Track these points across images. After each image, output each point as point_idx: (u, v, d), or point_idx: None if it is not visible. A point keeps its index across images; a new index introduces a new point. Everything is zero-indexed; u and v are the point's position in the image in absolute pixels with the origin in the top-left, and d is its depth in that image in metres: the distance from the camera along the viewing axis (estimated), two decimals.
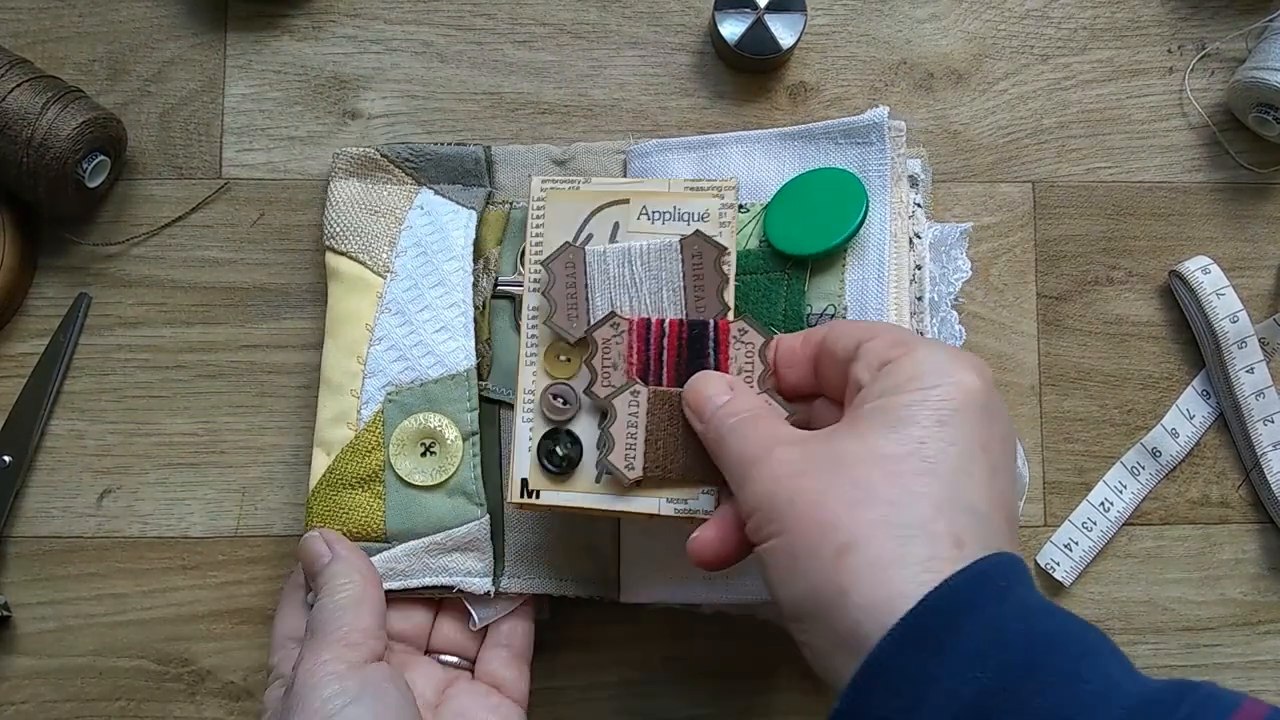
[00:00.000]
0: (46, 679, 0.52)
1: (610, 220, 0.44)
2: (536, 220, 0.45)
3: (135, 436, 0.54)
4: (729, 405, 0.39)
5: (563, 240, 0.44)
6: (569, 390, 0.44)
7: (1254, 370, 0.54)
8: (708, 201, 0.44)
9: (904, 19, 0.57)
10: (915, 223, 0.50)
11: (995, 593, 0.30)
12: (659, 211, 0.44)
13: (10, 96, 0.50)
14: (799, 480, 0.34)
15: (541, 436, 0.43)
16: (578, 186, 0.45)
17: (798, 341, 0.41)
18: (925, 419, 0.34)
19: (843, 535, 0.32)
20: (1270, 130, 0.54)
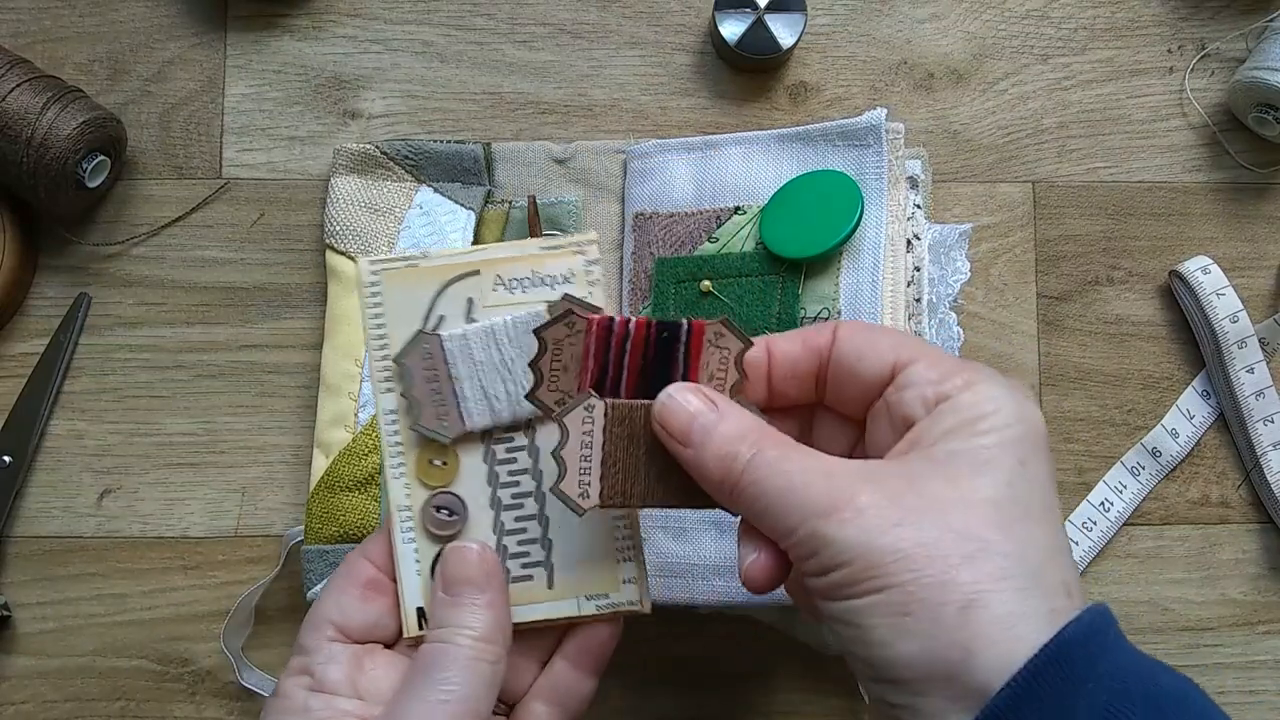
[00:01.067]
0: (46, 679, 0.53)
1: (462, 297, 0.38)
2: (374, 310, 0.38)
3: (135, 436, 0.54)
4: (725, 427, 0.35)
5: (412, 329, 0.38)
6: (452, 499, 0.38)
7: (1254, 370, 0.54)
8: (569, 261, 0.39)
9: (904, 19, 0.57)
10: (914, 224, 0.50)
11: (1109, 643, 0.30)
12: (516, 279, 0.39)
13: (10, 96, 0.50)
14: (900, 531, 0.31)
15: (433, 558, 0.38)
16: (416, 264, 0.38)
17: (796, 347, 0.38)
18: (1009, 461, 0.32)
19: (966, 591, 0.30)
20: (1270, 130, 0.54)
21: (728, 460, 0.34)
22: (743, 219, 0.50)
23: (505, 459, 0.39)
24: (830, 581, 0.32)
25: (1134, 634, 0.54)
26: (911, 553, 0.30)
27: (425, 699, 0.35)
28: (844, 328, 0.37)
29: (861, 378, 0.36)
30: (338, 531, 0.49)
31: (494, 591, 0.37)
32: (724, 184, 0.51)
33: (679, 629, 0.53)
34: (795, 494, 0.33)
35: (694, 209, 0.51)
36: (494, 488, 0.39)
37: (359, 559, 0.39)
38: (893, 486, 0.32)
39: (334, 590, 0.39)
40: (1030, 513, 0.32)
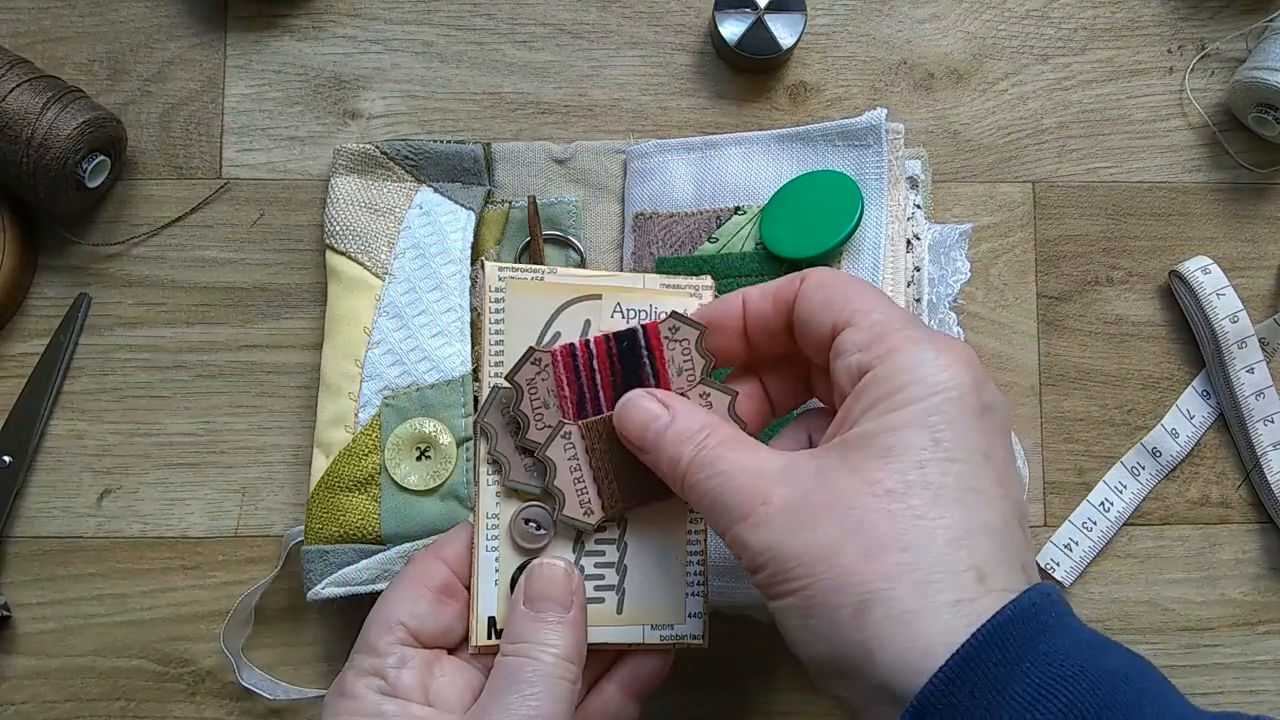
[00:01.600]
0: (46, 679, 0.53)
1: (580, 317, 0.40)
2: (496, 316, 0.40)
3: (135, 436, 0.54)
4: (674, 429, 0.36)
5: (525, 340, 0.40)
6: (543, 513, 0.39)
7: (1254, 370, 0.54)
8: (684, 301, 0.41)
9: (904, 19, 0.57)
10: (914, 224, 0.50)
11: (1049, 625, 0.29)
12: (633, 309, 0.40)
13: (10, 96, 0.50)
14: (801, 534, 0.31)
15: (514, 570, 0.39)
16: (542, 277, 0.40)
17: (767, 303, 0.37)
18: (919, 440, 0.31)
19: (859, 592, 0.30)
20: (1270, 130, 0.54)
21: (674, 462, 0.35)
22: (743, 219, 0.50)
23: None
24: (756, 582, 0.33)
25: (1134, 634, 0.54)
26: (810, 556, 0.31)
27: (510, 711, 0.35)
28: (809, 279, 0.36)
29: (813, 338, 0.36)
30: (338, 532, 0.49)
31: (577, 610, 0.37)
32: (724, 184, 0.51)
33: None
34: (723, 495, 0.33)
35: (694, 209, 0.51)
36: None
37: (433, 560, 0.39)
38: (804, 484, 0.32)
39: (406, 591, 0.38)
40: (941, 495, 0.31)
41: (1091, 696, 0.27)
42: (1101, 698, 0.27)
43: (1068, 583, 0.54)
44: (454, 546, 0.39)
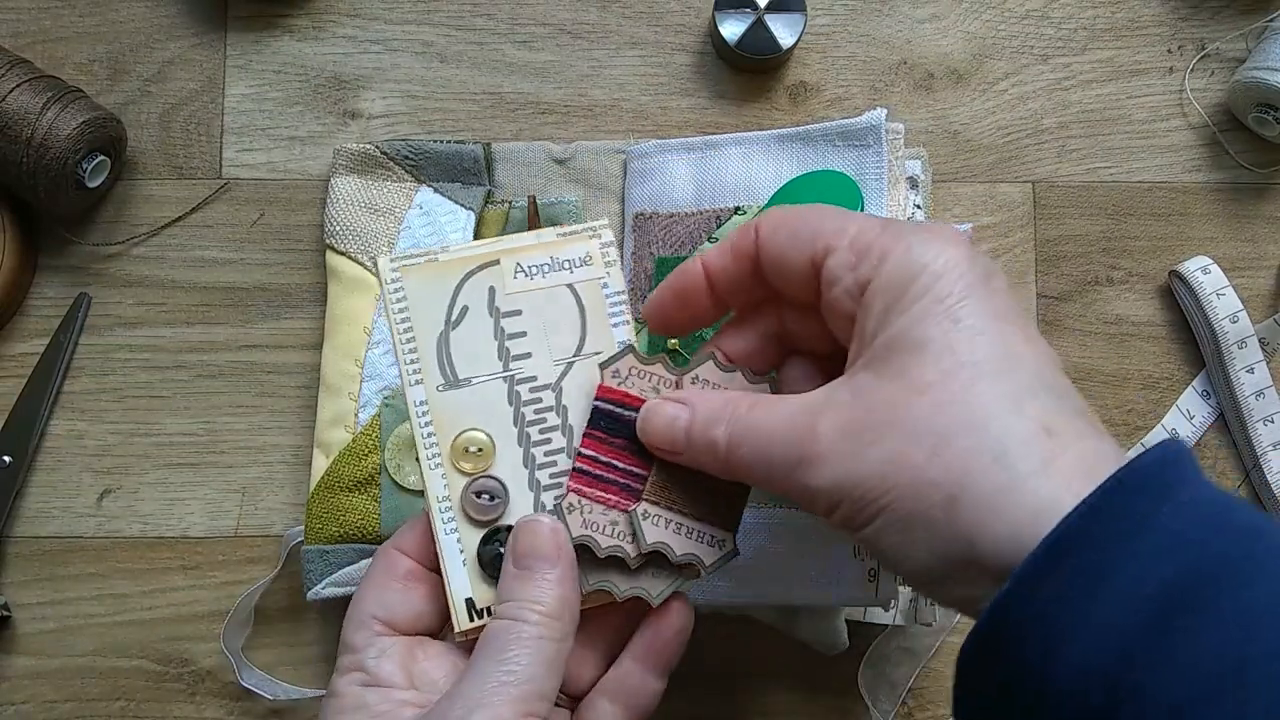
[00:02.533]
0: (46, 679, 0.53)
1: (483, 286, 0.39)
2: (398, 309, 0.39)
3: (135, 436, 0.54)
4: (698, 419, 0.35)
5: (433, 322, 0.39)
6: (493, 483, 0.38)
7: (1254, 370, 0.54)
8: (585, 244, 0.40)
9: (904, 19, 0.57)
10: None
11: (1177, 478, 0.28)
12: (535, 265, 0.40)
13: (10, 96, 0.50)
14: (861, 457, 0.31)
15: (477, 543, 0.38)
16: (436, 257, 0.39)
17: (727, 259, 0.37)
18: (942, 327, 0.31)
19: (942, 489, 0.29)
20: (1270, 130, 0.54)
21: (711, 450, 0.35)
22: (743, 219, 0.50)
23: (540, 439, 0.39)
24: (837, 521, 0.32)
25: None
26: (879, 473, 0.30)
27: (488, 678, 0.34)
28: (765, 224, 0.36)
29: (793, 279, 0.35)
30: (338, 531, 0.49)
31: (564, 567, 0.36)
32: (724, 184, 0.51)
33: None
34: (769, 452, 0.33)
35: (694, 209, 0.51)
36: (531, 469, 0.39)
37: (392, 551, 0.39)
38: (845, 410, 0.32)
39: (373, 585, 0.38)
40: (981, 369, 0.30)
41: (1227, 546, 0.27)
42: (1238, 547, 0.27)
43: None
44: (409, 536, 0.39)
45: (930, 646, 0.53)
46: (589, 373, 0.39)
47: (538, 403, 0.39)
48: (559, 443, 0.39)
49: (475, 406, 0.39)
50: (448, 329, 0.39)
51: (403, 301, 0.39)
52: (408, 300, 0.39)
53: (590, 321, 0.40)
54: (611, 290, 0.40)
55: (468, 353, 0.39)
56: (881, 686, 0.53)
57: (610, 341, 0.40)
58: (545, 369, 0.39)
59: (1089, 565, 0.27)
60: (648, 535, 0.37)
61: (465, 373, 0.39)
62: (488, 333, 0.39)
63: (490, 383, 0.39)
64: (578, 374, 0.39)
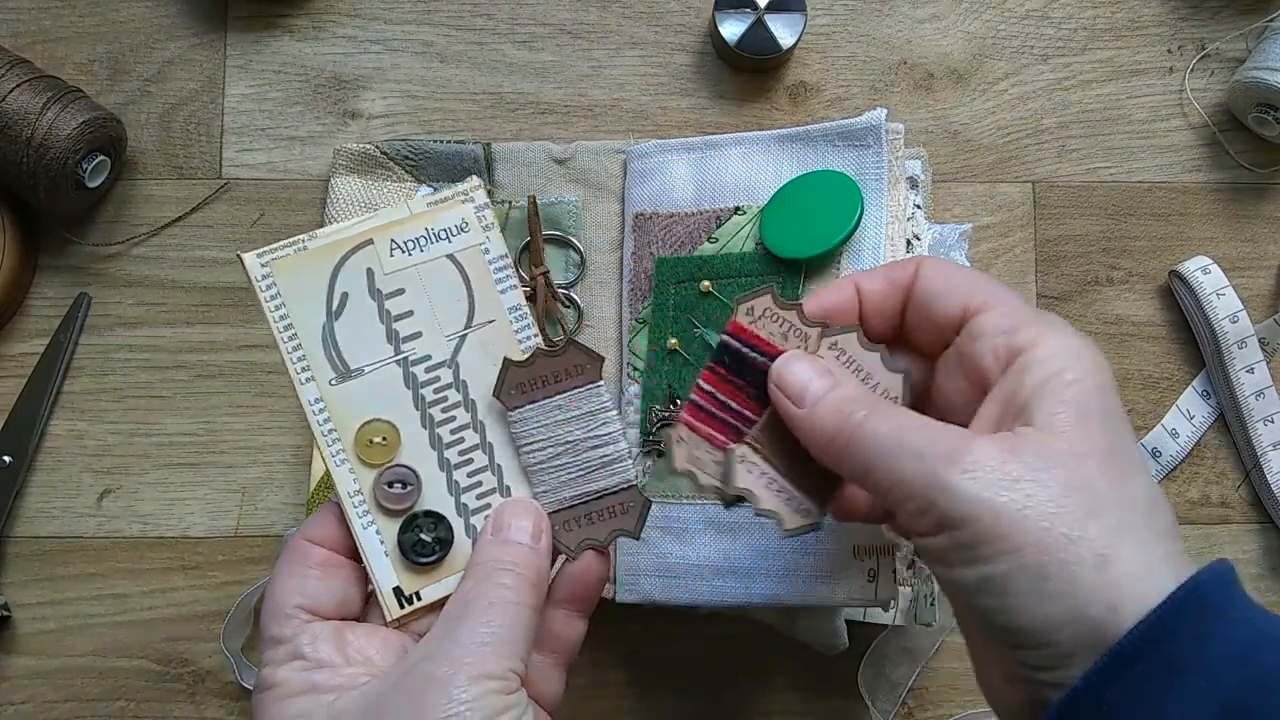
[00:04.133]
0: (46, 679, 0.53)
1: (360, 269, 0.38)
2: (274, 305, 0.37)
3: (135, 436, 0.54)
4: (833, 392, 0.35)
5: (314, 315, 0.37)
6: (402, 470, 0.38)
7: (1254, 370, 0.54)
8: (460, 210, 0.39)
9: (904, 19, 0.57)
10: (914, 224, 0.50)
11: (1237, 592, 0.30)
12: (411, 240, 0.38)
13: (10, 96, 0.50)
14: (1020, 487, 0.30)
15: (396, 532, 0.37)
16: (304, 245, 0.38)
17: (881, 284, 0.38)
18: (1099, 409, 0.32)
19: (1096, 547, 0.29)
20: (1270, 130, 0.54)
21: (842, 416, 0.34)
22: (743, 219, 0.50)
23: (444, 419, 0.38)
24: (953, 542, 0.31)
25: None
26: (1037, 510, 0.30)
27: (473, 635, 0.34)
28: (927, 263, 0.37)
29: (935, 319, 0.36)
30: None
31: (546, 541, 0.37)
32: (724, 184, 0.51)
33: (679, 629, 0.53)
34: (913, 441, 0.32)
35: (694, 209, 0.51)
36: (439, 450, 0.38)
37: (301, 542, 0.38)
38: (1005, 443, 0.31)
39: (288, 576, 0.37)
40: (1132, 462, 0.32)
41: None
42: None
43: None
44: (319, 526, 0.38)
45: (930, 646, 0.53)
46: (483, 343, 0.38)
47: (436, 382, 0.38)
48: (463, 419, 0.38)
49: (373, 396, 0.38)
50: (330, 319, 0.38)
51: (278, 298, 0.37)
52: (282, 296, 0.37)
53: (477, 291, 0.38)
54: (494, 255, 0.38)
55: (355, 341, 0.38)
56: (881, 686, 0.53)
57: (500, 309, 0.38)
58: (438, 346, 0.38)
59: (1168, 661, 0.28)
60: (738, 479, 0.37)
61: (356, 362, 0.38)
62: (372, 317, 0.38)
63: (384, 368, 0.38)
64: (471, 346, 0.38)
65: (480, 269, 0.38)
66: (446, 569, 0.37)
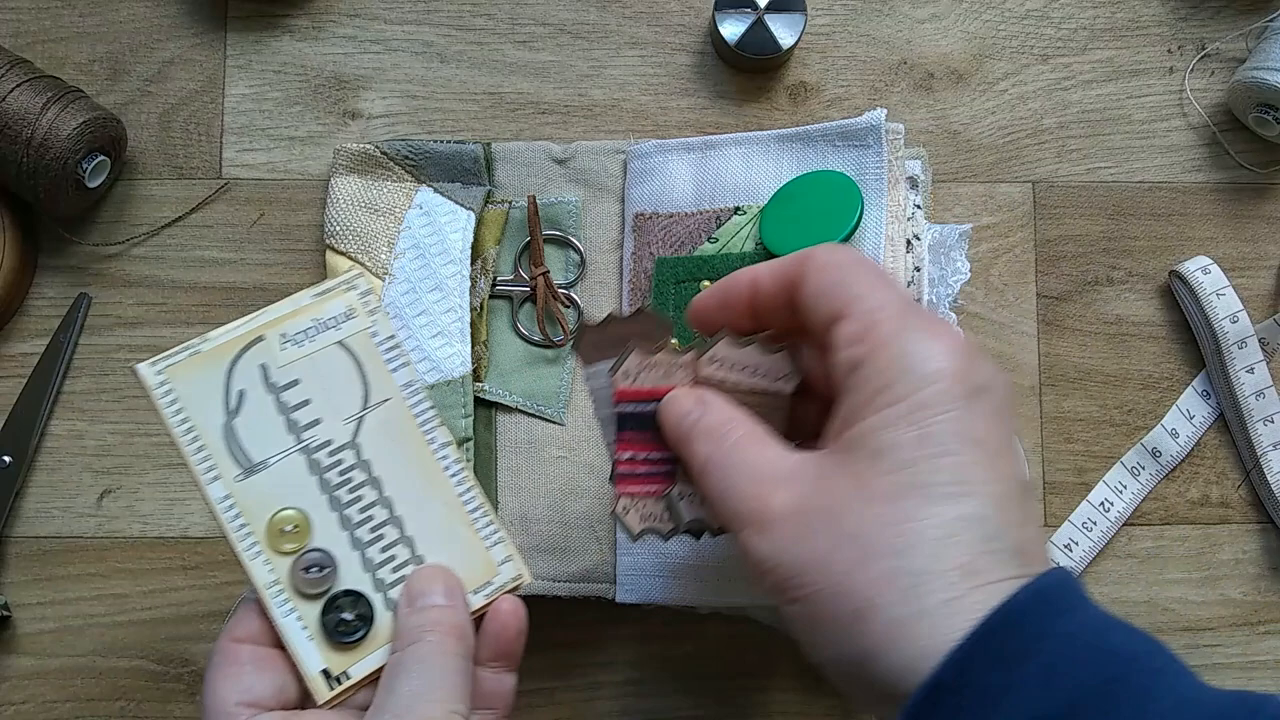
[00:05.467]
0: (46, 679, 0.53)
1: (254, 365, 0.39)
2: (173, 410, 0.38)
3: (135, 436, 0.54)
4: (700, 421, 0.36)
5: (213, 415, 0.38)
6: (317, 554, 0.38)
7: (1254, 370, 0.54)
8: (344, 299, 0.40)
9: (904, 19, 0.57)
10: (914, 225, 0.50)
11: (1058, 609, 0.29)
12: (301, 332, 0.39)
13: (10, 96, 0.50)
14: (803, 545, 0.32)
15: (318, 615, 0.38)
16: (197, 350, 0.38)
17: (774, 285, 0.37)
18: (908, 438, 0.31)
19: (856, 600, 0.30)
20: (1270, 130, 0.54)
21: (693, 460, 0.36)
22: (742, 219, 0.50)
23: (351, 499, 0.39)
24: (764, 589, 0.33)
25: None
26: (810, 565, 0.31)
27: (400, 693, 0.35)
28: (812, 261, 0.36)
29: (815, 325, 0.35)
30: None
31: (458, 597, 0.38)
32: (724, 184, 0.51)
33: (679, 629, 0.53)
34: (729, 499, 0.34)
35: (694, 209, 0.51)
36: (350, 530, 0.39)
37: (229, 643, 0.38)
38: (804, 489, 0.33)
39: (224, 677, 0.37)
40: (931, 492, 0.31)
41: (1101, 676, 0.28)
42: (1109, 677, 0.28)
43: None
44: (243, 625, 0.38)
45: None
46: (382, 421, 0.39)
47: (340, 464, 0.39)
48: (370, 496, 0.39)
49: (279, 486, 0.39)
50: (229, 418, 0.39)
51: (176, 404, 0.38)
52: (180, 401, 0.38)
53: (369, 372, 0.40)
54: (382, 337, 0.40)
55: (256, 435, 0.38)
56: None
57: (394, 387, 0.40)
58: (338, 430, 0.39)
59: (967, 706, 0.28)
60: (685, 514, 0.38)
61: (259, 456, 0.39)
62: (270, 410, 0.39)
63: (287, 458, 0.39)
64: (370, 426, 0.39)
65: (370, 351, 0.40)
66: (371, 644, 0.38)
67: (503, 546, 0.40)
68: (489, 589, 0.40)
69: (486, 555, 0.40)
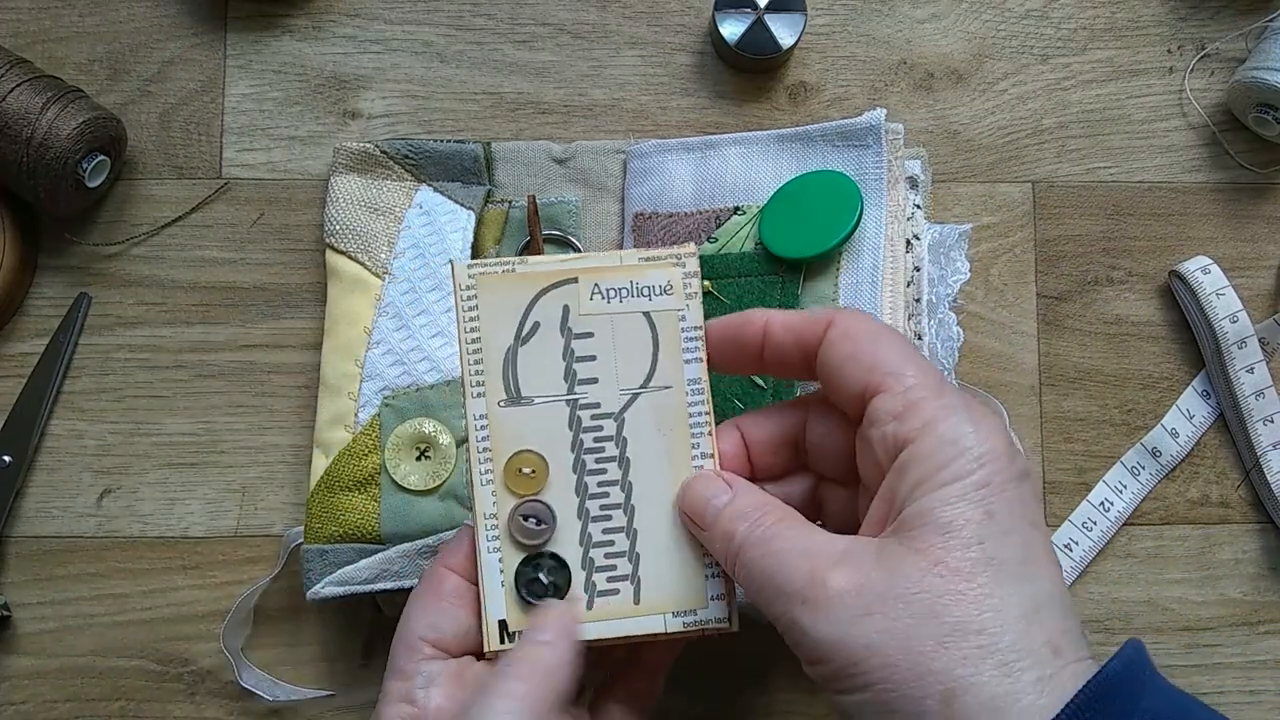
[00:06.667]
0: (46, 679, 0.53)
1: (558, 304, 0.38)
2: (469, 314, 0.38)
3: (135, 436, 0.54)
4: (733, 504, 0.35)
5: (503, 335, 0.38)
6: (541, 508, 0.38)
7: (1254, 370, 0.54)
8: (668, 272, 0.39)
9: (904, 19, 0.57)
10: (914, 224, 0.50)
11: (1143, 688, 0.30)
12: (614, 289, 0.38)
13: (10, 96, 0.50)
14: (868, 622, 0.30)
15: (517, 565, 0.38)
16: (513, 268, 0.38)
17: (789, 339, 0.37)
18: (974, 515, 0.31)
19: (943, 680, 0.29)
20: (1270, 130, 0.54)
21: (726, 540, 0.35)
22: (742, 219, 0.50)
23: (595, 469, 0.38)
24: (818, 675, 0.32)
25: (1134, 634, 0.54)
26: (883, 646, 0.30)
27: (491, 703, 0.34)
28: (836, 326, 0.36)
29: (839, 394, 0.35)
30: (337, 531, 0.49)
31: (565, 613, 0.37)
32: (723, 184, 0.51)
33: None
34: (777, 575, 0.32)
35: (693, 209, 0.51)
36: (583, 498, 0.38)
37: (439, 568, 0.38)
38: (865, 567, 0.31)
39: (420, 605, 0.38)
40: (1004, 570, 0.30)
41: None
42: None
43: (1068, 583, 0.54)
44: (458, 551, 0.39)
45: None
46: (654, 406, 0.38)
47: (598, 431, 0.38)
48: (614, 474, 0.38)
49: (534, 427, 0.38)
50: (516, 344, 0.38)
51: (474, 311, 0.38)
52: (479, 310, 0.38)
53: (662, 354, 0.38)
54: (689, 324, 0.39)
55: (534, 370, 0.38)
56: None
57: (680, 377, 0.38)
58: (610, 397, 0.38)
59: None
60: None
61: (529, 391, 0.38)
62: (556, 352, 0.38)
63: (553, 404, 0.38)
64: (642, 406, 0.38)
65: (672, 334, 0.39)
66: None
67: (719, 582, 0.38)
68: (691, 618, 0.38)
69: (701, 583, 0.38)
